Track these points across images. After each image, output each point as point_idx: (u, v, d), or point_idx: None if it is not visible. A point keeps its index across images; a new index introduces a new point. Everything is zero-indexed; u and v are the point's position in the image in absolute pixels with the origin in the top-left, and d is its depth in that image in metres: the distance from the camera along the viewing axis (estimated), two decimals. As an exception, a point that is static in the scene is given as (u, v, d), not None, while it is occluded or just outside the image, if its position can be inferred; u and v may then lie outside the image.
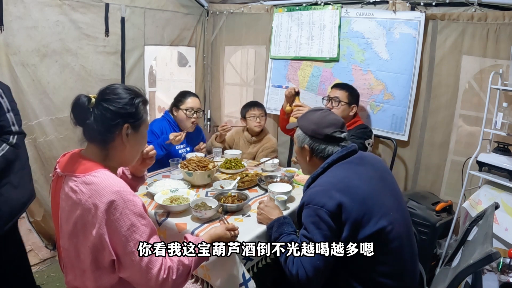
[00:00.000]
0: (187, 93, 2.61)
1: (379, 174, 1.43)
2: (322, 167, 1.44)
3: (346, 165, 1.42)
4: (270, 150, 2.77)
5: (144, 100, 1.20)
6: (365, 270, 1.31)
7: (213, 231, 1.33)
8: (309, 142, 1.48)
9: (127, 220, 1.03)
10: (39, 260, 2.59)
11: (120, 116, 1.11)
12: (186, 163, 2.05)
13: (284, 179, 2.10)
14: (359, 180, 1.34)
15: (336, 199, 1.27)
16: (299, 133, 1.52)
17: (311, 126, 1.48)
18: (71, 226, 1.07)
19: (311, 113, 1.54)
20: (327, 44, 2.86)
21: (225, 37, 3.50)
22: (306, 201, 1.35)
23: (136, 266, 1.04)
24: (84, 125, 1.12)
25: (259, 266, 1.55)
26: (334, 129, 1.45)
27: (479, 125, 2.24)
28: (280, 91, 3.17)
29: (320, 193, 1.31)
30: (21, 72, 2.24)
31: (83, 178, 1.06)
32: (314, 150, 1.48)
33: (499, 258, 1.40)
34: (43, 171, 2.45)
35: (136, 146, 1.21)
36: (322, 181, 1.38)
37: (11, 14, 2.13)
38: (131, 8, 2.82)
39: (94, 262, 1.06)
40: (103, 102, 1.11)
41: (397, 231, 1.31)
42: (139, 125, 1.18)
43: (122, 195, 1.04)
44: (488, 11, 2.29)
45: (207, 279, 1.50)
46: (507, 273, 1.62)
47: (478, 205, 2.07)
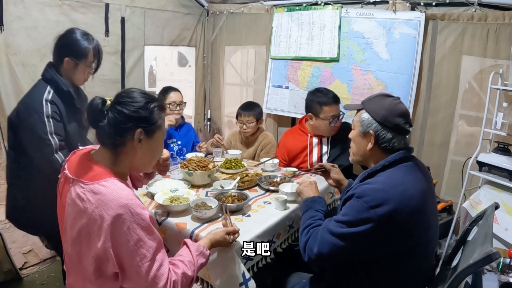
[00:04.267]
0: (169, 88, 2.64)
1: (428, 186, 1.34)
2: (383, 164, 1.31)
3: (407, 169, 1.30)
4: (269, 146, 2.75)
5: (161, 106, 1.15)
6: (385, 278, 1.28)
7: (213, 236, 1.32)
8: (377, 128, 1.33)
9: (134, 235, 1.01)
10: (39, 260, 2.59)
11: (132, 120, 1.08)
12: (186, 163, 2.05)
13: (285, 179, 2.10)
14: (415, 190, 1.24)
15: (389, 205, 1.17)
16: (365, 116, 1.36)
17: (381, 111, 1.33)
18: (75, 233, 1.06)
19: (381, 97, 1.39)
20: (327, 44, 2.86)
21: (225, 37, 3.50)
22: (358, 194, 1.24)
23: (142, 280, 1.03)
24: (97, 128, 1.10)
25: (259, 266, 1.55)
26: (405, 120, 1.32)
27: (479, 125, 2.24)
28: (280, 91, 3.17)
29: (375, 192, 1.21)
30: (21, 72, 2.23)
31: (91, 186, 1.04)
32: (379, 138, 1.33)
33: (499, 258, 1.40)
34: (43, 171, 2.44)
35: (148, 153, 1.16)
36: (381, 180, 1.27)
37: (11, 14, 2.14)
38: (131, 8, 2.82)
39: (97, 270, 1.05)
40: (117, 105, 1.08)
41: (430, 248, 1.30)
42: (153, 131, 1.13)
43: (130, 208, 1.01)
44: (488, 11, 2.29)
45: (207, 279, 1.50)
46: (507, 273, 1.62)
47: (478, 205, 2.07)
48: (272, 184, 2.03)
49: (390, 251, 1.22)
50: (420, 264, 1.29)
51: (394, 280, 1.28)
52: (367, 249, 1.23)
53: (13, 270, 2.36)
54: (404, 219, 1.18)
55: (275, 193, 1.91)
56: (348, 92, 2.82)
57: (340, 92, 2.84)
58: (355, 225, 1.21)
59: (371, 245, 1.22)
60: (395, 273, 1.27)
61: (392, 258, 1.24)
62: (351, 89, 2.81)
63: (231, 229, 1.36)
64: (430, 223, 1.27)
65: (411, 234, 1.21)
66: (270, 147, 2.75)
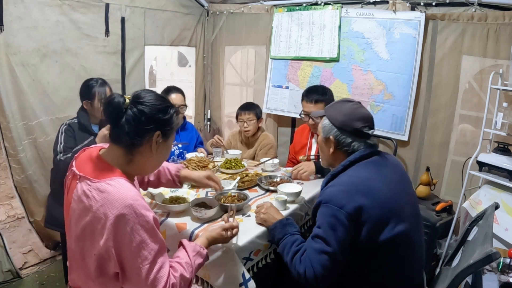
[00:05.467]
0: (171, 89, 2.60)
1: (399, 177, 1.38)
2: (343, 165, 1.37)
3: (369, 165, 1.35)
4: (268, 147, 2.74)
5: (177, 111, 1.19)
6: (375, 274, 1.29)
7: (209, 234, 1.31)
8: (336, 133, 1.39)
9: (137, 236, 1.01)
10: (39, 260, 2.60)
11: (154, 121, 1.09)
12: (186, 163, 2.05)
13: (285, 179, 2.10)
14: (380, 183, 1.29)
15: (356, 201, 1.22)
16: (326, 122, 1.43)
17: (340, 117, 1.39)
18: (79, 230, 1.06)
19: (341, 103, 1.45)
20: (327, 44, 2.86)
21: (225, 37, 3.50)
22: (324, 199, 1.29)
23: (141, 282, 1.02)
24: (116, 126, 1.09)
25: (259, 266, 1.55)
26: (364, 123, 1.37)
27: (479, 125, 2.24)
28: (280, 91, 3.17)
29: (340, 193, 1.26)
30: (21, 72, 2.24)
31: (98, 184, 1.03)
32: (339, 143, 1.40)
33: (499, 258, 1.40)
34: (43, 171, 2.45)
35: (161, 155, 1.18)
36: (342, 180, 1.32)
37: (11, 14, 2.14)
38: (131, 8, 2.82)
39: (99, 269, 1.05)
40: (138, 104, 1.08)
41: (411, 238, 1.29)
42: (169, 135, 1.16)
43: (135, 209, 1.00)
44: (488, 11, 2.29)
45: (207, 279, 1.50)
46: (507, 273, 1.61)
47: (478, 205, 2.07)
48: (272, 184, 2.03)
49: (374, 245, 1.24)
50: (409, 255, 1.29)
51: (387, 276, 1.29)
52: (352, 246, 1.26)
53: (13, 270, 2.36)
54: (374, 211, 1.22)
55: (275, 193, 1.91)
56: (348, 92, 2.82)
57: (340, 92, 2.85)
58: (334, 230, 1.24)
59: (355, 242, 1.25)
60: (385, 267, 1.28)
61: (380, 251, 1.26)
62: (351, 89, 2.81)
63: (227, 225, 1.34)
64: (406, 212, 1.30)
65: (386, 223, 1.24)
66: (268, 148, 2.74)
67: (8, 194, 3.68)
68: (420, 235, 1.38)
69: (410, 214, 1.31)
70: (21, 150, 2.31)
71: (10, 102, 2.22)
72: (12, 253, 2.43)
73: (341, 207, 1.23)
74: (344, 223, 1.22)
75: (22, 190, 2.42)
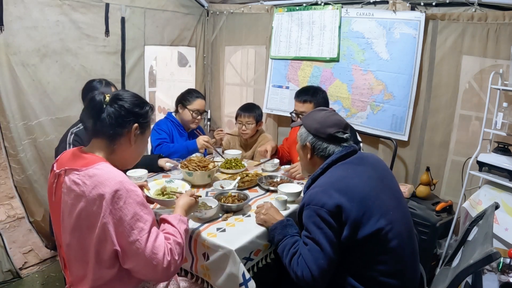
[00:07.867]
0: (195, 93, 2.58)
1: (378, 174, 1.43)
2: (322, 167, 1.46)
3: (346, 165, 1.43)
4: (266, 141, 2.72)
5: (152, 108, 1.31)
6: (365, 269, 1.32)
7: (182, 202, 1.40)
8: (312, 140, 1.50)
9: (130, 209, 1.08)
10: (39, 260, 2.60)
11: (132, 114, 1.21)
12: (186, 163, 2.05)
13: (285, 179, 2.10)
14: (358, 180, 1.35)
15: (335, 199, 1.28)
16: (302, 131, 1.54)
17: (314, 124, 1.50)
18: (74, 219, 1.09)
19: (316, 112, 1.57)
20: (327, 44, 2.86)
21: (225, 37, 3.50)
22: (306, 202, 1.37)
23: (141, 254, 1.08)
24: (98, 120, 1.17)
25: (259, 266, 1.55)
26: (337, 129, 1.47)
27: (479, 125, 2.24)
28: (280, 91, 3.17)
29: (319, 193, 1.33)
30: (21, 72, 2.24)
31: (86, 171, 1.10)
32: (315, 149, 1.49)
33: (499, 258, 1.40)
34: (43, 171, 2.45)
35: (138, 148, 1.29)
36: (321, 182, 1.40)
37: (11, 14, 2.14)
38: (131, 8, 2.82)
39: (97, 255, 1.09)
40: (117, 101, 1.20)
41: (396, 230, 1.31)
42: (146, 127, 1.28)
43: (125, 185, 1.08)
44: (488, 11, 2.29)
45: (207, 279, 1.50)
46: (507, 273, 1.61)
47: (478, 205, 2.07)
48: (272, 184, 2.03)
49: (359, 240, 1.28)
50: (397, 248, 1.31)
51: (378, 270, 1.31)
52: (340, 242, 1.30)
53: (13, 270, 2.36)
54: (353, 207, 1.27)
55: (275, 193, 1.91)
56: (348, 92, 2.82)
57: (340, 92, 2.85)
58: (320, 228, 1.29)
59: (342, 238, 1.29)
60: (375, 262, 1.30)
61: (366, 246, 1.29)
62: (351, 89, 2.81)
63: (190, 192, 1.49)
64: (388, 206, 1.34)
65: (368, 218, 1.28)
66: (266, 141, 2.71)
67: (8, 194, 3.68)
68: (408, 226, 1.40)
69: (392, 208, 1.35)
70: (21, 150, 2.31)
71: (10, 102, 2.22)
72: (12, 253, 2.43)
73: (322, 205, 1.29)
74: (328, 220, 1.28)
75: (22, 190, 2.42)
